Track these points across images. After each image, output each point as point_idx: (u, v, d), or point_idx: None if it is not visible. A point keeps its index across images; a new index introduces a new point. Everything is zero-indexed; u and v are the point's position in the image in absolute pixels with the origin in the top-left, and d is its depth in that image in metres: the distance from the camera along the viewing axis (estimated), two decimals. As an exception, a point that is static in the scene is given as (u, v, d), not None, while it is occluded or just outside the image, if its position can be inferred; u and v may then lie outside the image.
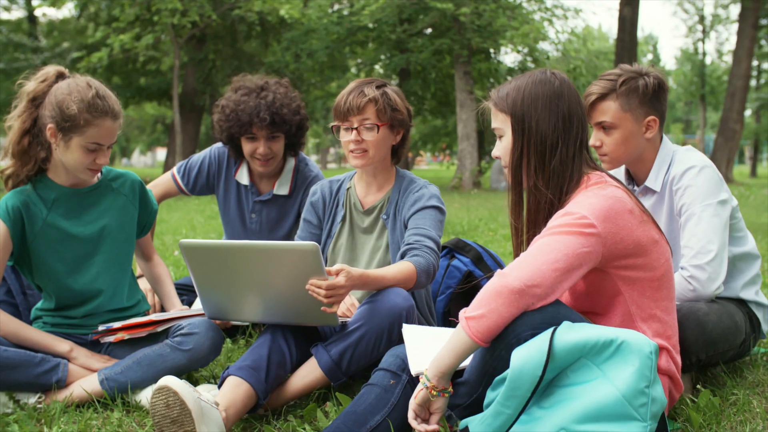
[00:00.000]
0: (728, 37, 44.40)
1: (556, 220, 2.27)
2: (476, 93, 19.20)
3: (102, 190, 3.04)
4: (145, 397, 2.78)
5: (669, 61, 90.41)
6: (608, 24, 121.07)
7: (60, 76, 2.86)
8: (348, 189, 3.26)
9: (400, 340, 2.78)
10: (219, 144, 4.01)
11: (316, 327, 2.99)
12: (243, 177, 3.96)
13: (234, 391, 2.60)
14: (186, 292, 3.77)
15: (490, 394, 2.24)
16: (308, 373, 2.80)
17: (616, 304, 2.38)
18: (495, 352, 2.23)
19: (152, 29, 18.46)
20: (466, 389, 2.37)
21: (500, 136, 2.48)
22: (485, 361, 2.28)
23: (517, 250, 2.51)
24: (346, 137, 3.08)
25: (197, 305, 3.73)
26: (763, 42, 33.60)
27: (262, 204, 3.96)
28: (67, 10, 28.92)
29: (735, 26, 40.64)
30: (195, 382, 3.04)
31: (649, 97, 3.00)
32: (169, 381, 2.31)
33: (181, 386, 2.31)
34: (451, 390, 2.28)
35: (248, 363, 2.69)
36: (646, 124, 3.01)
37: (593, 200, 2.27)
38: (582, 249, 2.19)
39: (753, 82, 35.21)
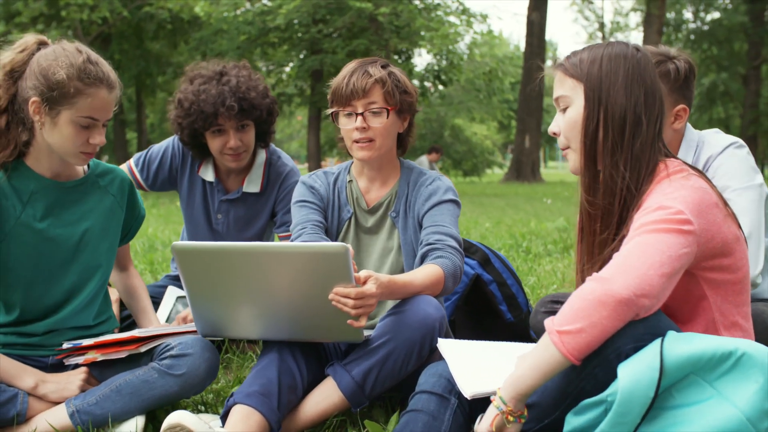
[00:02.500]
0: (627, 44, 45.47)
1: (649, 215, 1.90)
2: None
3: (88, 186, 2.54)
4: (128, 432, 2.31)
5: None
6: (509, 30, 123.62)
7: (42, 44, 2.38)
8: (349, 182, 2.84)
9: (430, 356, 2.41)
10: None
11: (320, 343, 2.57)
12: (208, 173, 3.49)
13: (246, 422, 2.18)
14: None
15: (572, 420, 1.88)
16: (324, 398, 2.38)
17: (699, 311, 2.05)
18: (585, 369, 1.86)
19: (58, 26, 17.45)
20: (534, 413, 2.00)
21: (564, 108, 2.09)
22: (569, 381, 1.91)
23: (591, 247, 2.13)
24: (349, 125, 2.65)
25: (163, 312, 3.27)
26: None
27: (230, 203, 3.50)
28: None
29: (633, 33, 41.84)
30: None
31: (680, 84, 2.69)
32: (183, 418, 1.90)
33: (196, 423, 1.88)
34: (527, 414, 1.91)
35: (257, 389, 2.26)
36: (675, 113, 2.69)
37: (683, 192, 1.92)
38: (683, 249, 1.85)
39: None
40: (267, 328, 2.37)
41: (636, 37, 43.80)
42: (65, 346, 2.46)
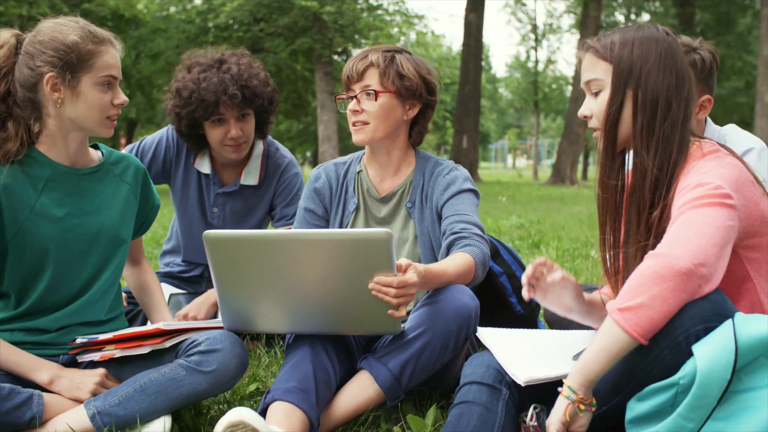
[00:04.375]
0: (559, 46, 46.21)
1: (689, 193, 1.90)
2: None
3: (103, 174, 2.43)
4: (153, 433, 2.19)
5: (500, 69, 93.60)
6: (442, 30, 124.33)
7: (19, 37, 2.31)
8: (358, 172, 2.77)
9: (462, 348, 2.37)
10: None
11: (347, 336, 2.50)
12: (204, 165, 3.37)
13: (288, 420, 2.09)
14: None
15: (636, 406, 1.85)
16: (360, 392, 2.30)
17: (743, 293, 2.04)
18: (653, 352, 1.82)
19: (-6, 22, 16.92)
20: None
21: (596, 91, 2.08)
22: (633, 364, 1.87)
23: (625, 232, 2.11)
24: (347, 108, 2.65)
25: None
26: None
27: (226, 196, 3.39)
28: None
29: (566, 36, 42.43)
30: (201, 410, 2.47)
31: (705, 75, 2.69)
32: (245, 415, 1.80)
33: (258, 421, 1.78)
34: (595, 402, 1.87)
35: (295, 384, 2.18)
36: (700, 104, 2.70)
37: (720, 170, 1.93)
38: (728, 222, 1.85)
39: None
40: (299, 321, 2.28)
41: (570, 39, 44.48)
42: (79, 340, 2.33)
